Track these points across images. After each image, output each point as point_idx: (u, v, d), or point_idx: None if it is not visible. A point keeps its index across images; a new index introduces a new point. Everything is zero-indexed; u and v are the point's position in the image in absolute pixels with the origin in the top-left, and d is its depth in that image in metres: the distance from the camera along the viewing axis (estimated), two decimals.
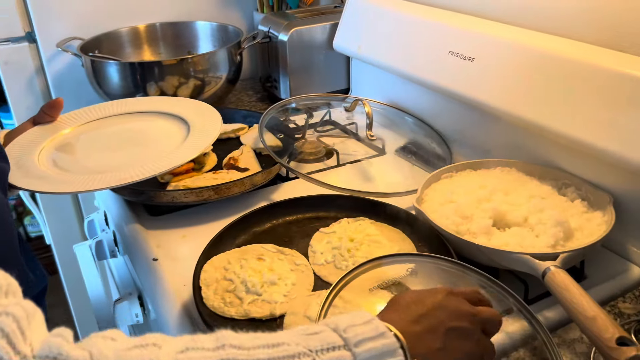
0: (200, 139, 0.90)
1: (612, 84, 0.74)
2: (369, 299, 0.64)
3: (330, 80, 1.38)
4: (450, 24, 1.01)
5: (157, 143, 0.92)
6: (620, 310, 0.69)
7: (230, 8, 1.52)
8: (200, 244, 0.77)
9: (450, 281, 0.68)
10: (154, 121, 0.99)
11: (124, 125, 0.99)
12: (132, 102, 1.05)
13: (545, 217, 0.76)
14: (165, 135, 0.94)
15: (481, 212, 0.79)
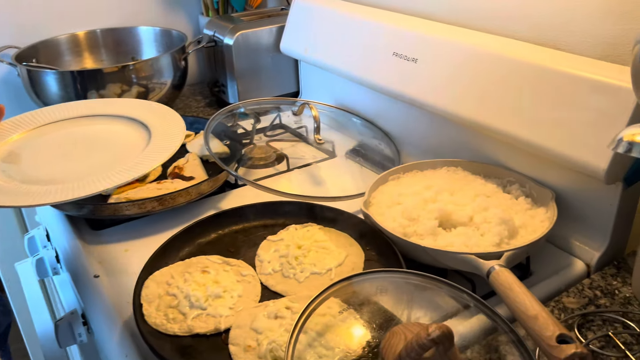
0: (164, 143, 0.82)
1: (552, 82, 0.75)
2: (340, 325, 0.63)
3: (279, 83, 1.36)
4: (394, 25, 1.01)
5: (117, 149, 0.84)
6: (564, 305, 0.70)
7: (175, 12, 1.49)
8: (144, 258, 0.75)
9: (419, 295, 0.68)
10: (110, 125, 0.91)
11: (77, 129, 0.90)
12: (85, 104, 0.97)
13: (489, 216, 0.76)
14: (124, 140, 0.86)
15: (427, 213, 0.79)
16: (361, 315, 0.66)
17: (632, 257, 0.75)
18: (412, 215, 0.79)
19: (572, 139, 0.73)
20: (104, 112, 0.93)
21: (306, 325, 0.60)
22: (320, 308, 0.62)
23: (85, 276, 0.80)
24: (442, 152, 0.97)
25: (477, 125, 0.85)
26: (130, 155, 0.80)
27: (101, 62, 1.39)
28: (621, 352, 0.62)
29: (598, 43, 0.81)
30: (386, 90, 1.01)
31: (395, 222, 0.78)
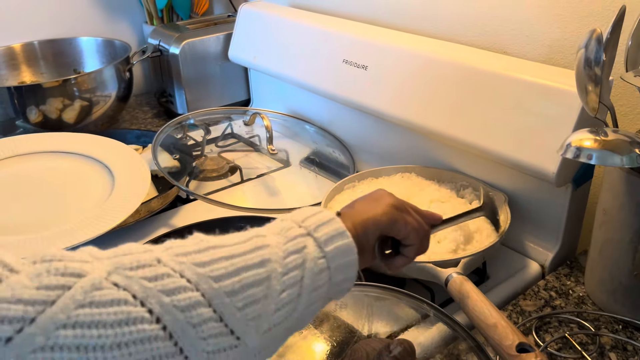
0: (129, 191, 0.77)
1: (500, 87, 0.76)
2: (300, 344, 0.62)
3: (229, 92, 1.33)
4: (344, 32, 1.00)
5: (78, 193, 0.78)
6: (521, 308, 0.70)
7: (117, 21, 1.44)
8: None
9: (379, 307, 0.67)
10: (66, 163, 0.84)
11: (29, 167, 0.82)
12: (42, 138, 0.88)
13: None
14: (85, 183, 0.79)
15: None
16: (321, 332, 0.65)
17: (584, 256, 0.77)
18: None
19: (521, 143, 0.74)
20: (55, 149, 0.87)
21: None
22: None
23: None
24: (396, 158, 0.97)
25: (428, 131, 0.85)
26: (91, 203, 0.74)
27: (41, 76, 1.33)
28: (578, 353, 0.63)
29: (542, 46, 0.83)
30: (337, 97, 1.00)
31: None
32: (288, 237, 0.44)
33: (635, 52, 0.63)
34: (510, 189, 0.81)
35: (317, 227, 0.45)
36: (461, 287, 0.64)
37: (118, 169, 0.82)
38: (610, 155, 0.56)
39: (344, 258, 0.46)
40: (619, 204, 0.64)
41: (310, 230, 0.45)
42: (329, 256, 0.45)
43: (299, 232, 0.44)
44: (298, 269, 0.42)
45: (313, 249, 0.44)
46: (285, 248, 0.43)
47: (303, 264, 0.43)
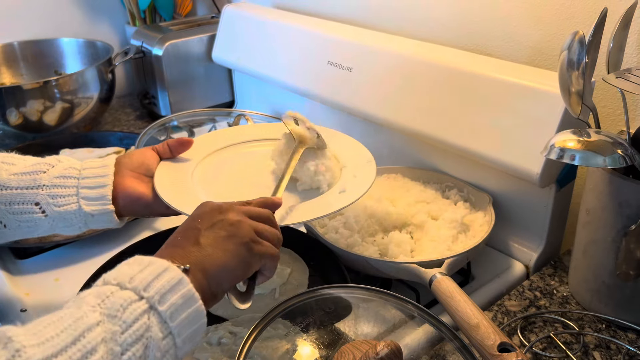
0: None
1: (484, 88, 0.76)
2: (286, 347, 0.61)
3: (213, 93, 1.33)
4: (328, 33, 1.00)
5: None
6: (506, 308, 0.71)
7: (99, 22, 1.42)
8: (76, 287, 0.70)
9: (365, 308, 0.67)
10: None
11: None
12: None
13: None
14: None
15: (369, 222, 0.79)
16: (308, 335, 0.64)
17: (568, 256, 0.77)
18: (353, 225, 0.78)
19: (505, 144, 0.74)
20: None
21: (252, 351, 0.58)
22: (265, 331, 0.60)
23: (10, 310, 0.74)
24: (381, 159, 0.96)
25: (412, 132, 0.85)
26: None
27: (20, 77, 1.31)
28: (562, 352, 0.63)
29: (525, 48, 0.83)
30: (322, 98, 1.00)
31: (337, 234, 0.77)
32: (126, 321, 0.39)
33: (616, 54, 0.64)
34: (494, 190, 0.81)
35: (162, 296, 0.41)
36: (445, 288, 0.64)
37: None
38: (593, 156, 0.57)
39: (193, 326, 0.43)
40: (602, 204, 0.64)
41: (154, 302, 0.41)
42: (176, 331, 0.42)
43: (140, 309, 0.40)
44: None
45: (157, 329, 0.40)
46: (122, 340, 0.39)
47: (145, 353, 0.39)
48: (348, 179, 0.72)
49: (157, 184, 0.68)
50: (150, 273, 0.42)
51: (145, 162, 0.70)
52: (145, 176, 0.69)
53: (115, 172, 0.66)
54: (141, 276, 0.42)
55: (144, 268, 0.43)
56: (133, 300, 0.40)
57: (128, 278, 0.42)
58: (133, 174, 0.68)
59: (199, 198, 0.67)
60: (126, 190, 0.66)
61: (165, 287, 0.42)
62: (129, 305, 0.40)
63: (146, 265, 0.43)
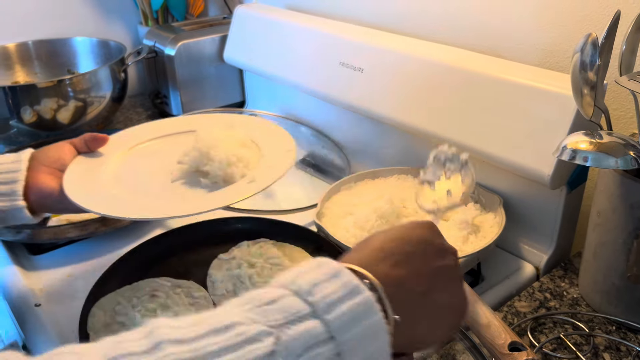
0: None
1: (497, 90, 0.77)
2: None
3: (224, 93, 1.34)
4: (340, 34, 1.01)
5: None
6: (516, 309, 0.71)
7: (112, 22, 1.44)
8: (89, 283, 0.71)
9: None
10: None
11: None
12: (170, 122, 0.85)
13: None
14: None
15: (379, 222, 0.79)
16: None
17: (578, 258, 0.78)
18: (364, 225, 0.78)
19: (517, 145, 0.74)
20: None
21: None
22: None
23: (25, 305, 0.75)
24: (391, 160, 0.98)
25: (424, 133, 0.86)
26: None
27: (35, 76, 1.33)
28: (572, 353, 0.63)
29: (537, 50, 0.83)
30: (333, 99, 1.01)
31: (348, 233, 0.78)
32: (278, 319, 0.32)
33: (629, 56, 0.64)
34: (505, 192, 0.82)
35: (329, 305, 0.33)
36: None
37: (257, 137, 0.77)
38: (605, 157, 0.57)
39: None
40: (613, 206, 0.65)
41: (319, 309, 0.33)
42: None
43: (300, 309, 0.32)
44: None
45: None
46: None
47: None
48: (262, 169, 0.70)
49: (66, 179, 0.67)
50: (352, 315, 0.33)
51: (62, 156, 0.69)
52: (60, 171, 0.68)
53: (29, 167, 0.65)
54: (341, 311, 0.33)
55: (346, 299, 0.33)
56: (321, 340, 0.32)
57: (325, 305, 0.33)
58: (47, 169, 0.67)
59: (107, 195, 0.66)
60: (38, 185, 0.65)
61: (361, 335, 0.33)
62: (316, 346, 0.32)
63: (351, 295, 0.34)
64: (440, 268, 0.41)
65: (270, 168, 0.69)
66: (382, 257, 0.39)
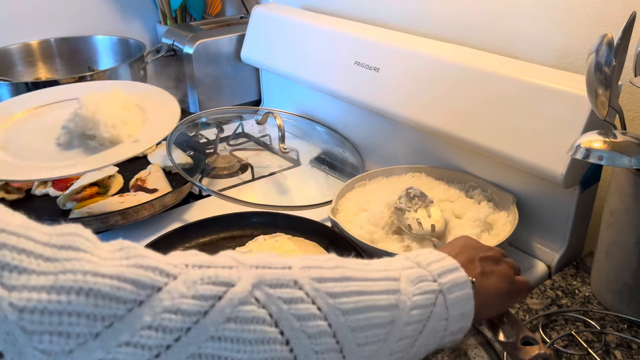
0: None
1: (510, 90, 0.78)
2: None
3: (240, 92, 1.35)
4: (356, 34, 1.02)
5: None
6: (528, 306, 0.72)
7: (131, 21, 1.46)
8: None
9: None
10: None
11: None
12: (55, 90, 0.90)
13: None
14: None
15: (393, 219, 0.80)
16: None
17: (590, 257, 0.78)
18: (378, 221, 0.80)
19: (531, 145, 0.75)
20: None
21: None
22: None
23: None
24: (405, 159, 0.99)
25: (438, 132, 0.87)
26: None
27: (56, 73, 1.35)
28: (584, 349, 0.64)
29: (552, 51, 0.84)
30: (349, 98, 1.02)
31: (362, 229, 0.79)
32: (420, 288, 0.45)
33: None
34: (518, 190, 0.82)
35: (450, 288, 0.47)
36: None
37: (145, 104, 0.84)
38: (619, 156, 0.58)
39: (460, 324, 0.48)
40: (626, 205, 0.65)
41: (444, 288, 0.46)
42: (451, 319, 0.46)
43: (432, 288, 0.46)
44: (421, 323, 0.44)
45: (440, 309, 0.45)
46: (415, 300, 0.44)
47: (427, 320, 0.45)
48: (147, 130, 0.76)
49: None
50: (444, 266, 0.48)
51: None
52: None
53: None
54: (437, 265, 0.48)
55: (440, 260, 0.49)
56: (428, 278, 0.46)
57: (426, 262, 0.48)
58: None
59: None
60: None
61: (454, 281, 0.47)
62: (425, 280, 0.46)
63: (442, 258, 0.49)
64: (486, 257, 0.55)
65: (155, 129, 0.76)
66: (458, 254, 0.53)
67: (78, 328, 0.31)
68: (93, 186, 0.94)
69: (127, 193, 0.94)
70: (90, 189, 0.93)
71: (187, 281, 0.35)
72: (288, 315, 0.37)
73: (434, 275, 0.47)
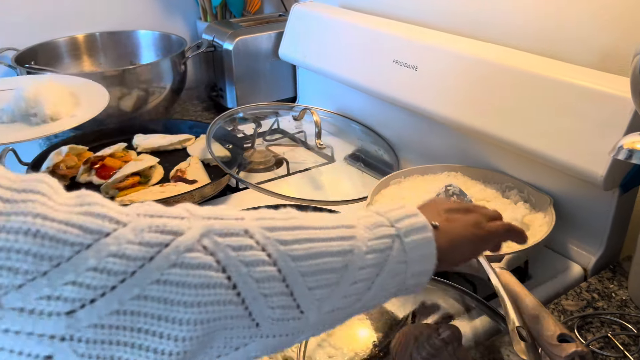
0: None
1: (551, 91, 0.78)
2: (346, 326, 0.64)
3: (276, 88, 1.37)
4: (395, 33, 1.03)
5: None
6: (563, 307, 0.72)
7: (173, 17, 1.50)
8: None
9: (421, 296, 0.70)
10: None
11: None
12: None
13: None
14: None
15: None
16: (366, 317, 0.67)
17: (628, 261, 0.77)
18: None
19: (571, 146, 0.75)
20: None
21: None
22: None
23: None
24: (440, 158, 0.99)
25: (476, 132, 0.87)
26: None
27: (99, 66, 1.40)
28: (620, 352, 0.64)
29: (594, 52, 0.83)
30: (386, 96, 1.03)
31: None
32: (376, 234, 0.45)
33: None
34: (555, 191, 0.82)
35: (408, 231, 0.47)
36: (504, 280, 0.65)
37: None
38: None
39: (423, 266, 0.48)
40: None
41: (401, 232, 0.46)
42: (411, 262, 0.47)
43: (389, 232, 0.46)
44: (377, 267, 0.45)
45: (398, 252, 0.46)
46: (370, 245, 0.45)
47: (383, 264, 0.45)
48: (83, 108, 0.98)
49: None
50: (403, 212, 0.49)
51: None
52: None
53: None
54: (396, 212, 0.49)
55: (399, 207, 0.49)
56: (385, 224, 0.47)
57: (385, 210, 0.49)
58: None
59: None
60: None
61: (412, 225, 0.48)
62: (382, 225, 0.47)
63: (401, 206, 0.50)
64: (456, 207, 0.56)
65: (88, 108, 0.96)
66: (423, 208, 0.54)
67: (26, 265, 0.33)
68: (135, 176, 0.96)
69: (167, 183, 0.97)
70: (132, 179, 0.95)
71: (136, 229, 0.36)
72: (236, 262, 0.38)
73: (391, 220, 0.47)
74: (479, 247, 0.57)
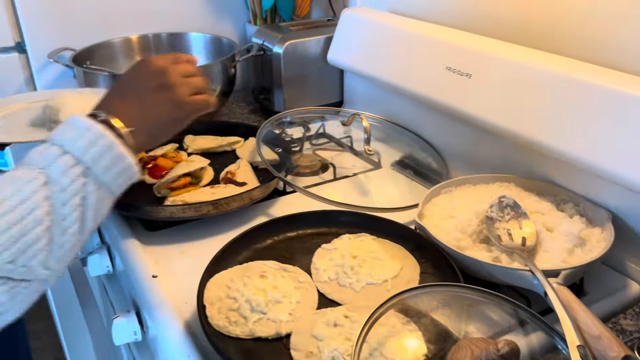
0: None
1: (609, 101, 0.76)
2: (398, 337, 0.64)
3: (323, 93, 1.38)
4: (447, 39, 1.02)
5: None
6: (622, 327, 0.70)
7: (223, 20, 1.52)
8: (199, 261, 0.76)
9: (475, 310, 0.69)
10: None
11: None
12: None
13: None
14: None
15: (482, 227, 0.80)
16: (418, 328, 0.67)
17: None
18: (466, 228, 0.79)
19: (631, 159, 0.73)
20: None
21: (367, 335, 0.61)
22: (380, 319, 0.63)
23: (143, 276, 0.82)
24: (490, 167, 0.98)
25: (529, 142, 0.86)
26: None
27: None
28: None
29: None
30: (437, 103, 1.02)
31: (449, 235, 0.79)
32: (66, 182, 0.52)
33: None
34: (613, 206, 0.80)
35: (96, 160, 0.54)
36: (563, 297, 0.64)
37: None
38: None
39: (124, 176, 0.58)
40: None
41: (90, 165, 0.54)
42: (109, 183, 0.56)
43: (78, 172, 0.53)
44: (80, 204, 0.53)
45: (92, 184, 0.54)
46: (63, 196, 0.52)
47: (83, 202, 0.53)
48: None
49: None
50: (88, 140, 0.54)
51: None
52: None
53: None
54: (81, 142, 0.54)
55: (83, 134, 0.55)
56: (72, 165, 0.54)
57: (70, 143, 0.54)
58: None
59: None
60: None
61: (99, 152, 0.55)
62: (69, 170, 0.53)
63: (85, 131, 0.55)
64: (153, 88, 0.63)
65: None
66: (117, 90, 0.64)
67: None
68: (186, 176, 0.98)
69: (217, 185, 0.98)
70: (184, 179, 0.97)
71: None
72: None
73: (77, 157, 0.53)
74: (182, 123, 0.66)
